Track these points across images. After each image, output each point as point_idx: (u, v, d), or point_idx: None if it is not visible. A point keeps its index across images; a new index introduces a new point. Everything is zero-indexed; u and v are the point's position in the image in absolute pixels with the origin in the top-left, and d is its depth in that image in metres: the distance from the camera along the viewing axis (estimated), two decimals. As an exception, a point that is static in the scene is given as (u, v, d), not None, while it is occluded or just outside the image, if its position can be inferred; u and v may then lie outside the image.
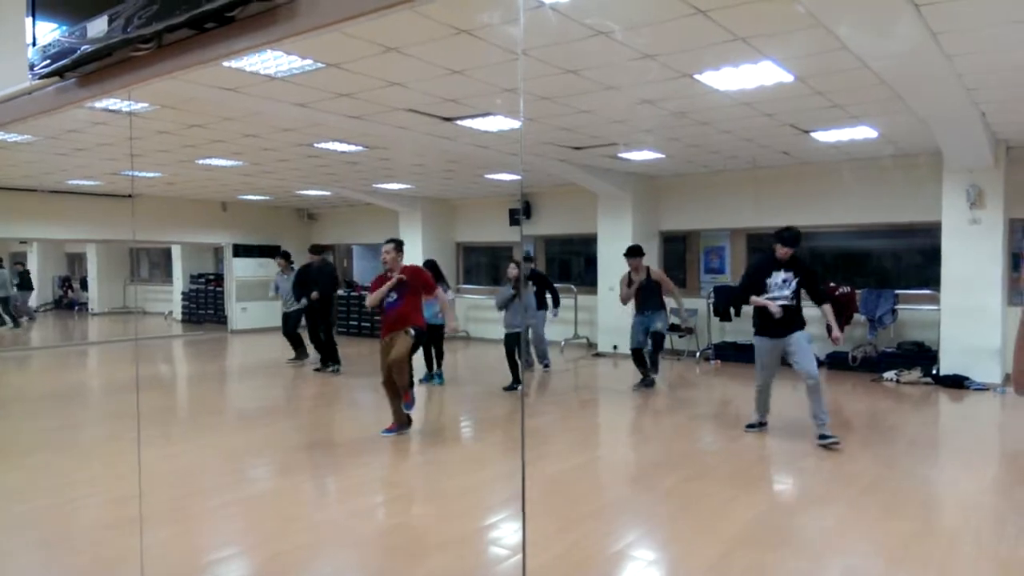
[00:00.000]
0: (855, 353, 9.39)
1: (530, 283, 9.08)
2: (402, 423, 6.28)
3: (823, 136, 7.82)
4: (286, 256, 10.71)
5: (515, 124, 7.14)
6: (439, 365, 8.79)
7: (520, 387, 8.19)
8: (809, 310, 6.20)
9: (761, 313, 6.00)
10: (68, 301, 21.83)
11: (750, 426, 6.31)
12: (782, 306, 5.90)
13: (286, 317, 10.39)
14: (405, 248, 6.79)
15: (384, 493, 5.09)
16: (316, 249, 10.21)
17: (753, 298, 6.06)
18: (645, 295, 8.19)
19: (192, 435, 6.59)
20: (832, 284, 9.65)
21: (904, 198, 9.29)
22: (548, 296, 9.37)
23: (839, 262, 10.72)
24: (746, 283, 6.17)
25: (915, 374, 8.68)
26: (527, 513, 4.36)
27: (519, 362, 8.33)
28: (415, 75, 5.44)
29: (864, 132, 7.62)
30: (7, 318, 15.80)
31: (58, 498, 4.75)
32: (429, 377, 8.73)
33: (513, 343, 8.23)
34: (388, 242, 6.36)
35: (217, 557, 3.94)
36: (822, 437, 5.69)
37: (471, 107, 6.46)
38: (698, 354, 10.74)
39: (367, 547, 4.04)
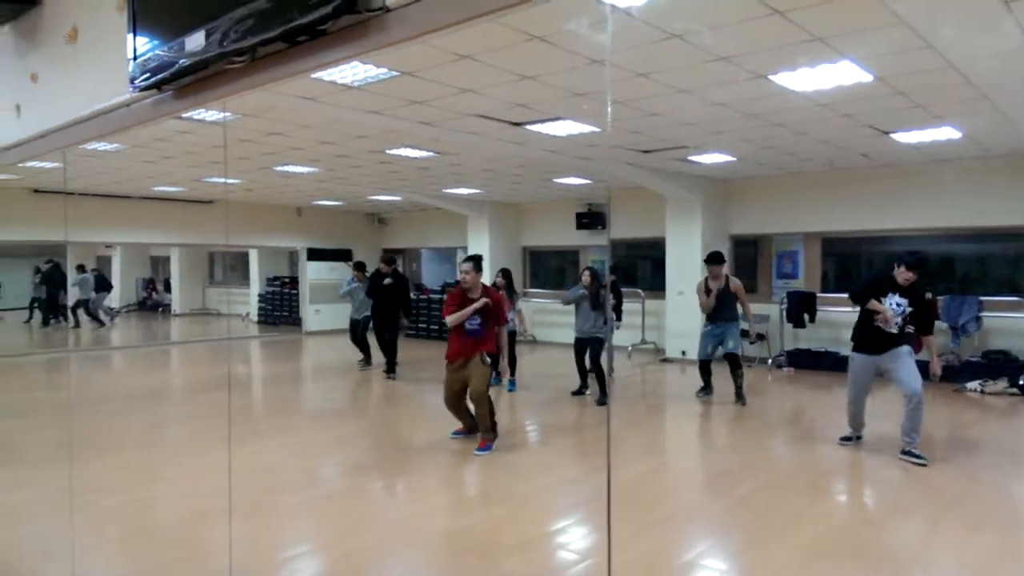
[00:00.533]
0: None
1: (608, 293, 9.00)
2: (472, 429, 6.08)
3: (904, 137, 7.55)
4: (361, 267, 10.77)
5: (584, 129, 7.14)
6: (512, 372, 8.63)
7: (587, 391, 8.15)
8: None
9: (864, 328, 5.68)
10: (152, 302, 22.82)
11: (845, 439, 5.97)
12: (888, 333, 5.58)
13: (355, 323, 10.49)
14: (471, 252, 6.77)
15: (453, 495, 5.16)
16: (389, 259, 10.17)
17: (873, 302, 5.65)
18: (722, 305, 7.84)
19: (271, 434, 6.81)
20: (913, 290, 9.30)
21: (989, 201, 8.88)
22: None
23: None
24: (865, 288, 5.73)
25: (1001, 384, 8.27)
26: (596, 519, 4.35)
27: (587, 366, 8.25)
28: (487, 81, 5.51)
29: (948, 133, 7.33)
30: (91, 320, 16.62)
31: (146, 493, 4.99)
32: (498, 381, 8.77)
33: (581, 348, 8.17)
34: (466, 260, 6.07)
35: (296, 553, 4.07)
36: (907, 453, 5.43)
37: (541, 112, 6.50)
38: (770, 361, 10.49)
39: (438, 548, 4.10)
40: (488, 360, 5.91)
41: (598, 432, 6.68)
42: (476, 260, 6.09)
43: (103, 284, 18.56)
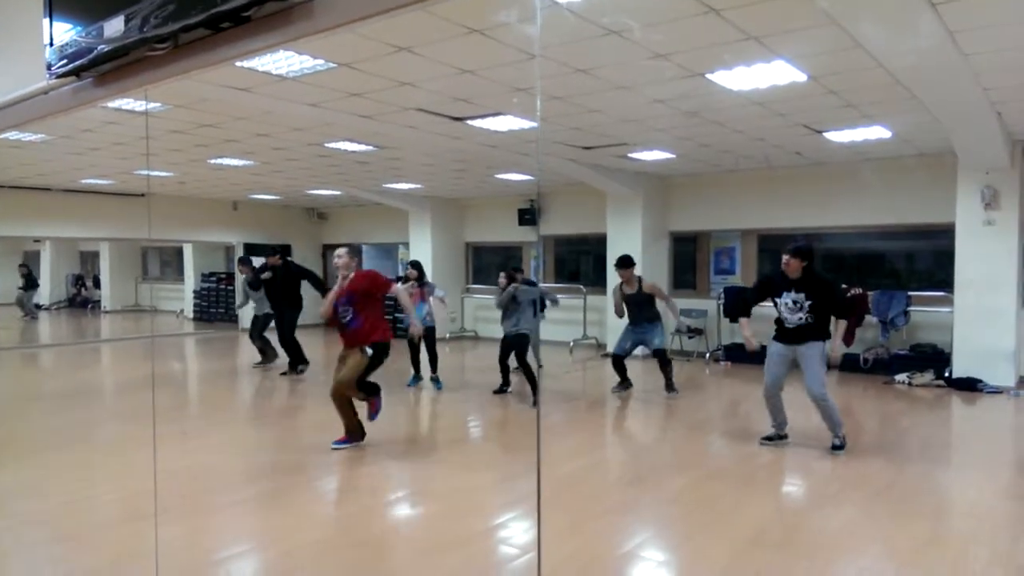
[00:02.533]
0: (867, 355, 9.34)
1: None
2: (354, 435, 5.79)
3: (836, 136, 7.78)
4: (248, 262, 10.32)
5: (524, 124, 7.14)
6: (434, 369, 8.58)
7: (509, 389, 8.08)
8: None
9: (777, 319, 5.68)
10: (82, 299, 21.97)
11: (766, 439, 5.87)
12: (791, 327, 5.54)
13: (253, 320, 10.11)
14: (414, 248, 6.71)
15: (390, 493, 5.10)
16: (271, 251, 9.81)
17: (742, 320, 6.00)
18: (638, 308, 7.84)
19: (202, 433, 6.61)
20: (844, 286, 9.61)
21: (918, 199, 9.23)
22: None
23: (852, 263, 10.66)
24: (749, 296, 5.84)
25: (927, 376, 8.62)
26: (535, 514, 4.35)
27: (509, 366, 8.05)
28: (426, 75, 5.45)
29: (878, 132, 7.58)
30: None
31: (73, 495, 4.79)
32: (416, 380, 8.66)
33: (506, 347, 7.93)
34: (342, 247, 5.98)
35: (229, 554, 3.96)
36: (836, 448, 5.56)
37: (481, 107, 6.47)
38: (708, 355, 10.70)
39: (376, 546, 4.05)
40: (369, 351, 5.68)
41: (534, 428, 6.70)
42: (352, 247, 6.04)
43: (31, 282, 17.86)
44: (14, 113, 2.91)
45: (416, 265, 8.62)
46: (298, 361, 9.50)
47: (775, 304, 5.65)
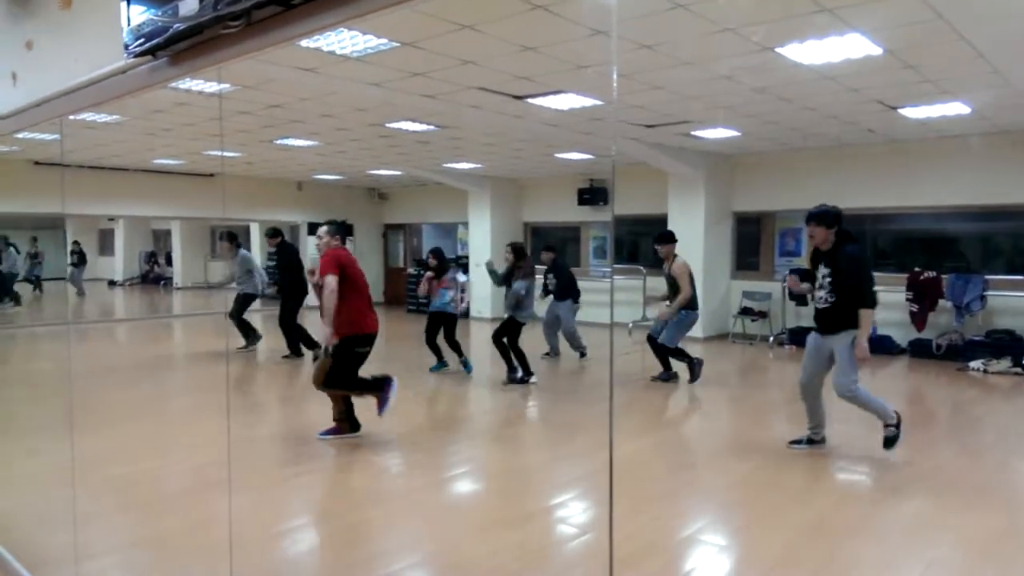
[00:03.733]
0: (940, 341, 8.99)
1: (551, 274, 8.81)
2: (342, 426, 5.35)
3: (912, 112, 7.46)
4: (233, 239, 9.85)
5: (586, 102, 7.06)
6: (459, 354, 8.10)
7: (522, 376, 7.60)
8: (890, 296, 5.54)
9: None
10: (154, 275, 22.83)
11: (795, 442, 5.22)
12: (819, 309, 4.88)
13: (236, 299, 9.68)
14: (473, 228, 6.41)
15: (448, 471, 5.16)
16: (269, 232, 9.38)
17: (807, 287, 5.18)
18: (669, 289, 7.57)
19: (269, 406, 6.81)
20: (917, 269, 9.26)
21: (997, 178, 8.81)
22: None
23: (925, 245, 10.24)
24: (806, 274, 5.20)
25: (1004, 363, 8.25)
26: (596, 494, 4.35)
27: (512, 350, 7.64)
28: (488, 53, 5.42)
29: (957, 108, 7.24)
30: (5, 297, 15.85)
31: (148, 463, 5.01)
32: (440, 365, 8.23)
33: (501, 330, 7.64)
34: (324, 224, 5.41)
35: (296, 524, 4.08)
36: (887, 441, 4.89)
37: (543, 85, 6.41)
38: (771, 339, 10.48)
39: (437, 521, 4.11)
40: (330, 351, 5.10)
41: (596, 408, 6.67)
42: (333, 224, 5.38)
43: (82, 258, 18.53)
44: (94, 93, 3.01)
45: (436, 253, 8.17)
46: (293, 350, 9.07)
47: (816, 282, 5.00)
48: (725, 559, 3.62)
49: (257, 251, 18.67)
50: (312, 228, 15.66)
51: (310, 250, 15.67)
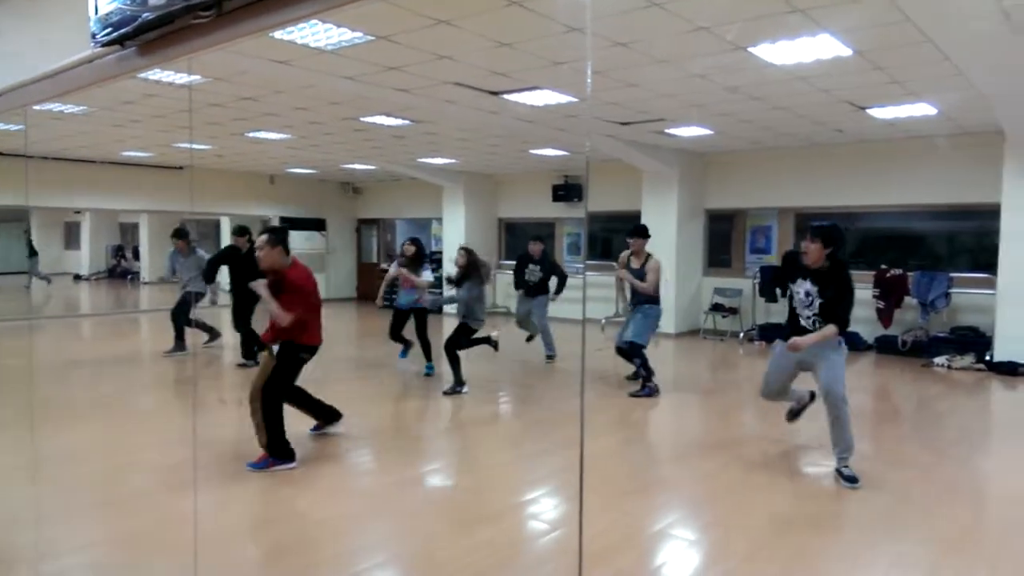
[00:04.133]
0: (905, 337, 9.17)
1: (537, 266, 8.60)
2: (278, 455, 4.70)
3: (880, 113, 7.59)
4: (184, 235, 9.17)
5: (561, 99, 7.07)
6: (428, 356, 7.86)
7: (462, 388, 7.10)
8: (857, 293, 5.43)
9: (788, 314, 4.72)
10: (121, 269, 22.45)
11: (793, 415, 5.23)
12: (801, 327, 4.55)
13: (185, 299, 9.12)
14: (447, 224, 6.15)
15: (421, 467, 5.15)
16: (242, 230, 8.60)
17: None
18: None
19: (237, 403, 6.73)
20: (883, 266, 9.42)
21: (962, 178, 9.01)
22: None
23: (892, 243, 10.43)
24: (772, 279, 4.82)
25: (968, 360, 8.44)
26: (566, 491, 4.37)
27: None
28: (464, 48, 5.41)
29: (923, 109, 7.38)
30: None
31: (114, 461, 4.92)
32: (405, 353, 8.09)
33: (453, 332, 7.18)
34: (263, 232, 4.88)
35: (265, 521, 4.04)
36: (839, 472, 4.53)
37: (519, 80, 6.41)
38: (742, 335, 10.60)
39: (409, 518, 4.10)
40: (272, 352, 4.81)
41: (566, 405, 6.70)
42: (274, 231, 4.91)
43: (32, 250, 18.16)
44: (60, 82, 2.95)
45: (415, 242, 7.67)
46: (247, 353, 8.47)
47: (788, 292, 4.69)
48: (695, 553, 3.66)
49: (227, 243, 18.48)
50: (284, 223, 15.53)
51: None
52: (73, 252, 23.89)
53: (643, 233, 7.01)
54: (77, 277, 22.51)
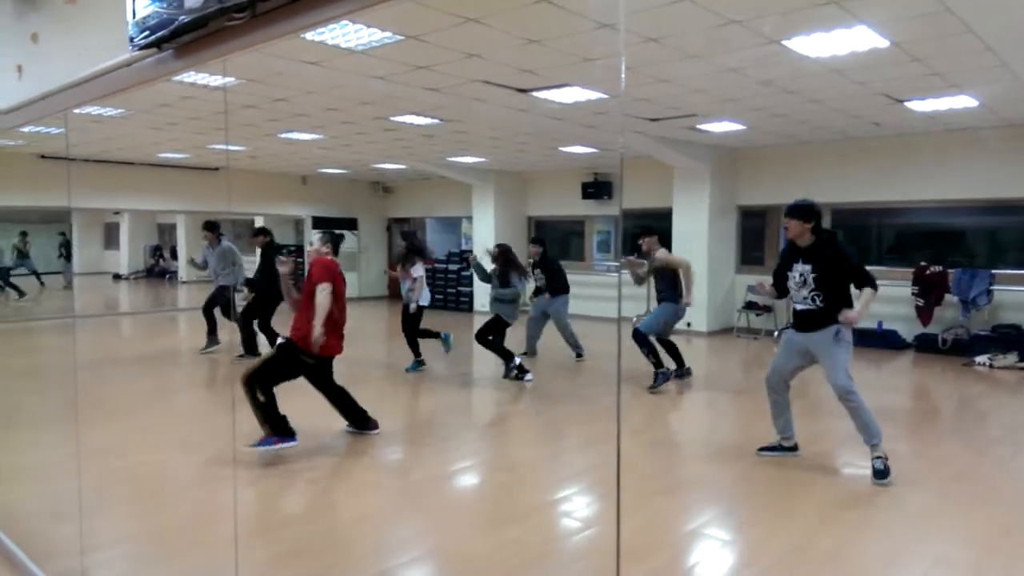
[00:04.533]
0: (946, 335, 8.96)
1: (537, 270, 8.44)
2: (275, 434, 4.85)
3: (919, 106, 7.42)
4: (214, 227, 9.32)
5: (591, 95, 7.04)
6: (416, 353, 7.93)
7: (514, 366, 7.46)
8: (896, 290, 5.26)
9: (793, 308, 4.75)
10: (159, 269, 22.89)
11: (765, 449, 4.97)
12: (802, 310, 4.55)
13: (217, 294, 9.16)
14: (477, 223, 6.31)
15: (453, 465, 5.17)
16: (262, 230, 8.97)
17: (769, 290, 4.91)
18: (659, 282, 7.27)
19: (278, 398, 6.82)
20: (923, 263, 9.22)
21: (1004, 172, 8.77)
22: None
23: (931, 240, 10.21)
24: (777, 268, 4.79)
25: (1011, 358, 8.22)
26: (599, 489, 4.35)
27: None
28: (493, 46, 5.41)
29: (964, 101, 7.20)
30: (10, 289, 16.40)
31: (155, 455, 5.02)
32: (417, 365, 7.97)
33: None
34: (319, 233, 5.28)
35: (301, 516, 4.09)
36: (877, 473, 4.41)
37: (548, 78, 6.39)
38: (776, 333, 10.46)
39: (441, 515, 4.12)
40: (281, 342, 5.06)
41: (598, 403, 6.67)
42: (329, 234, 5.23)
43: (69, 252, 18.59)
44: (99, 86, 3.01)
45: (408, 236, 7.85)
46: (248, 348, 8.54)
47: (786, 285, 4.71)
48: (729, 553, 3.62)
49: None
50: (316, 222, 15.73)
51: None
52: (112, 252, 24.44)
53: (650, 232, 7.38)
54: (116, 276, 23.01)
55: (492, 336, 7.52)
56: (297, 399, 5.17)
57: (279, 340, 5.11)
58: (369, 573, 3.33)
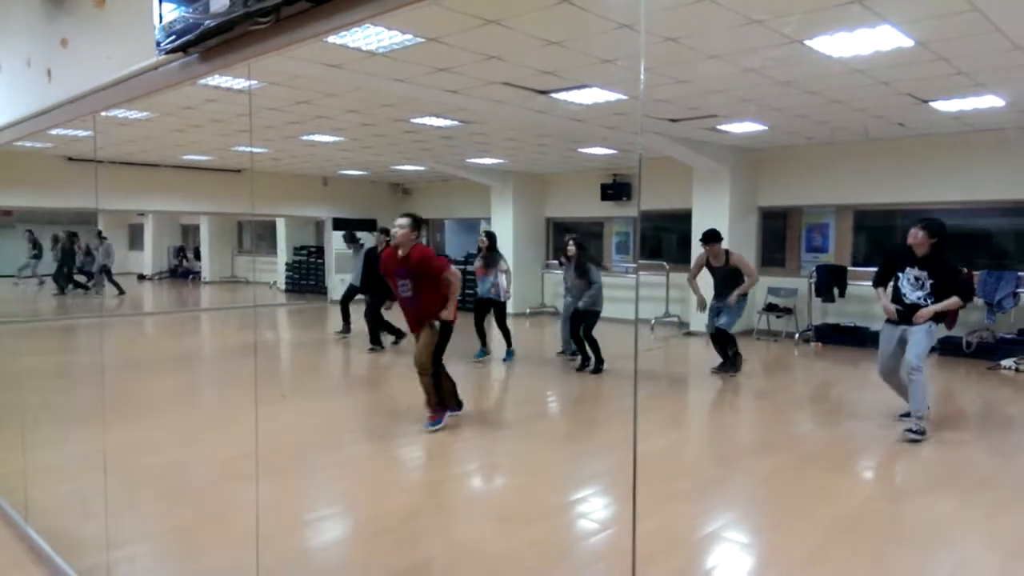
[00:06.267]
0: (970, 338, 8.84)
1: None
2: (444, 407, 5.60)
3: (944, 106, 7.33)
4: (353, 238, 10.69)
5: (610, 96, 7.03)
6: (509, 343, 8.56)
7: (579, 357, 8.08)
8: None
9: (892, 298, 5.48)
10: (183, 270, 23.15)
11: (906, 415, 5.59)
12: (911, 304, 5.35)
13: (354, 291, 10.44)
14: (496, 224, 6.55)
15: (473, 463, 5.19)
16: (386, 230, 9.64)
17: (880, 291, 5.61)
18: (724, 282, 7.65)
19: (297, 399, 6.89)
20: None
21: (1031, 173, 8.64)
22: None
23: (957, 241, 10.04)
24: (877, 275, 5.66)
25: (1037, 362, 8.11)
26: (617, 490, 4.35)
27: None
28: (512, 47, 5.42)
29: (990, 101, 7.10)
30: (114, 286, 16.95)
31: (178, 454, 5.09)
32: (483, 353, 8.60)
33: (576, 319, 8.07)
34: (403, 216, 5.51)
35: (323, 514, 4.13)
36: (908, 430, 5.25)
37: (567, 79, 6.40)
38: (797, 335, 10.37)
39: (459, 514, 4.13)
40: (436, 325, 5.45)
41: (617, 404, 6.66)
42: (414, 218, 5.51)
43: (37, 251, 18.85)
44: (126, 89, 3.06)
45: (489, 236, 8.47)
46: (393, 334, 9.62)
47: (895, 280, 5.46)
48: (748, 557, 3.60)
49: (283, 245, 18.92)
50: (337, 223, 15.86)
51: (335, 243, 15.83)
52: (137, 253, 24.76)
53: (717, 238, 7.62)
54: (141, 277, 23.30)
55: (583, 328, 7.92)
56: (306, 402, 5.21)
57: (435, 324, 5.48)
58: (388, 571, 3.36)
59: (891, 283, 5.52)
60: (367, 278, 9.57)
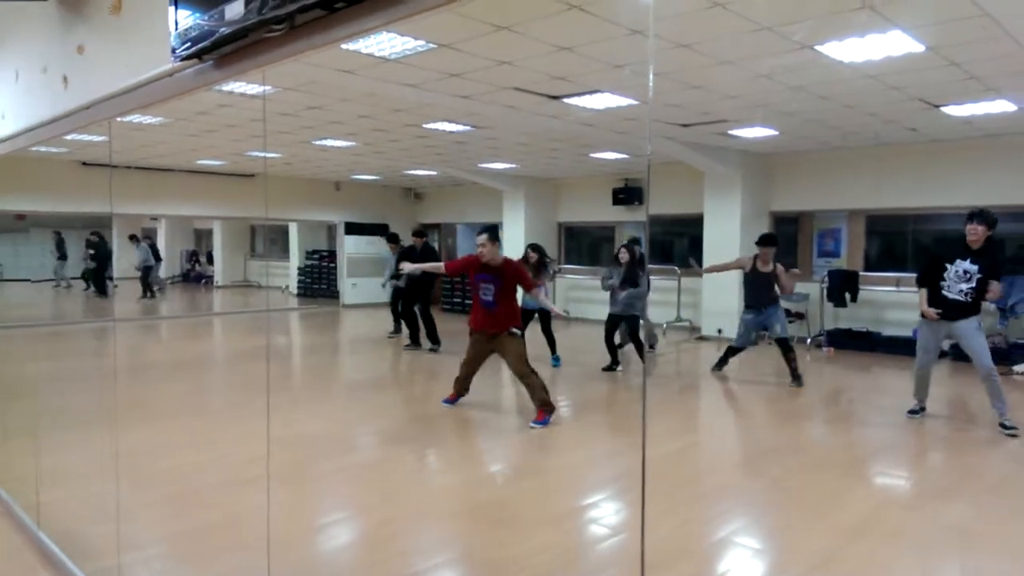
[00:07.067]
0: (984, 344, 8.77)
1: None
2: (459, 393, 6.25)
3: (955, 111, 7.30)
4: (395, 238, 11.05)
5: (622, 102, 7.04)
6: (553, 349, 8.64)
7: (619, 368, 8.13)
8: None
9: (931, 296, 5.61)
10: (195, 274, 23.29)
11: (912, 412, 5.97)
12: (953, 300, 5.45)
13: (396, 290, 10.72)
14: (507, 228, 6.67)
15: (487, 467, 5.20)
16: (419, 232, 10.38)
17: (922, 293, 5.68)
18: (766, 290, 7.59)
19: (309, 403, 6.93)
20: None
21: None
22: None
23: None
24: (921, 273, 5.74)
25: (1052, 368, 8.04)
26: (628, 496, 4.35)
27: (619, 343, 8.31)
28: (524, 53, 5.45)
29: (1002, 106, 7.07)
30: (155, 287, 17.19)
31: (190, 458, 5.13)
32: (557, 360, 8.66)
33: (614, 324, 8.17)
34: (482, 232, 5.93)
35: (332, 519, 4.15)
36: (1001, 425, 5.53)
37: (579, 84, 6.42)
38: (809, 340, 10.33)
39: (470, 519, 4.14)
40: (518, 333, 5.87)
41: (630, 409, 6.66)
42: (492, 230, 5.94)
43: (156, 256, 19.09)
44: (142, 95, 3.10)
45: (537, 248, 8.55)
46: (417, 336, 9.88)
47: (941, 273, 5.55)
48: (759, 563, 3.59)
49: (295, 250, 19.00)
50: (349, 228, 15.94)
51: (347, 248, 15.90)
52: (150, 257, 24.88)
53: (774, 241, 7.60)
54: (160, 281, 23.44)
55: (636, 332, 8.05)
56: (317, 406, 5.22)
57: (516, 332, 5.88)
58: None
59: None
60: (410, 278, 9.66)
